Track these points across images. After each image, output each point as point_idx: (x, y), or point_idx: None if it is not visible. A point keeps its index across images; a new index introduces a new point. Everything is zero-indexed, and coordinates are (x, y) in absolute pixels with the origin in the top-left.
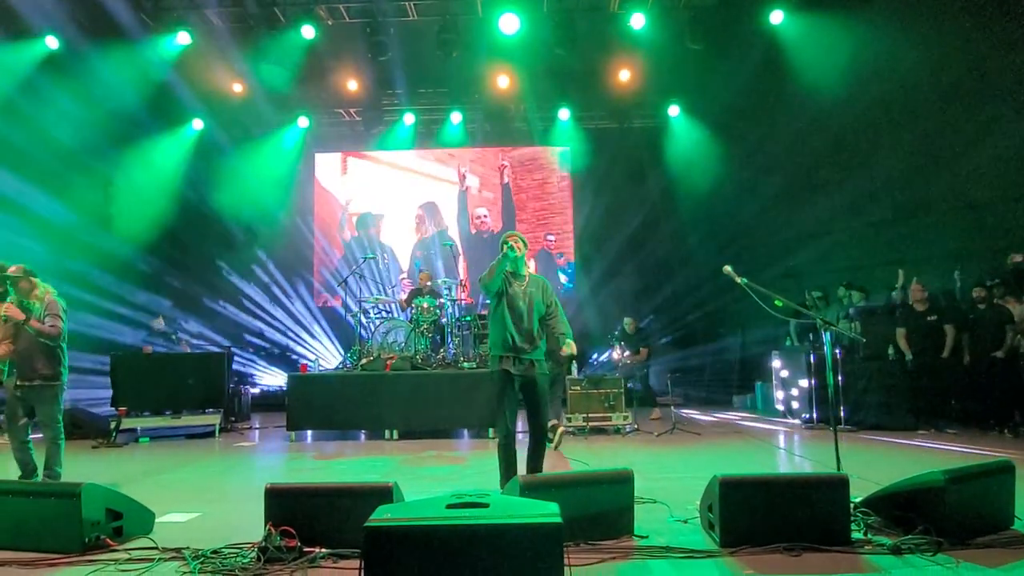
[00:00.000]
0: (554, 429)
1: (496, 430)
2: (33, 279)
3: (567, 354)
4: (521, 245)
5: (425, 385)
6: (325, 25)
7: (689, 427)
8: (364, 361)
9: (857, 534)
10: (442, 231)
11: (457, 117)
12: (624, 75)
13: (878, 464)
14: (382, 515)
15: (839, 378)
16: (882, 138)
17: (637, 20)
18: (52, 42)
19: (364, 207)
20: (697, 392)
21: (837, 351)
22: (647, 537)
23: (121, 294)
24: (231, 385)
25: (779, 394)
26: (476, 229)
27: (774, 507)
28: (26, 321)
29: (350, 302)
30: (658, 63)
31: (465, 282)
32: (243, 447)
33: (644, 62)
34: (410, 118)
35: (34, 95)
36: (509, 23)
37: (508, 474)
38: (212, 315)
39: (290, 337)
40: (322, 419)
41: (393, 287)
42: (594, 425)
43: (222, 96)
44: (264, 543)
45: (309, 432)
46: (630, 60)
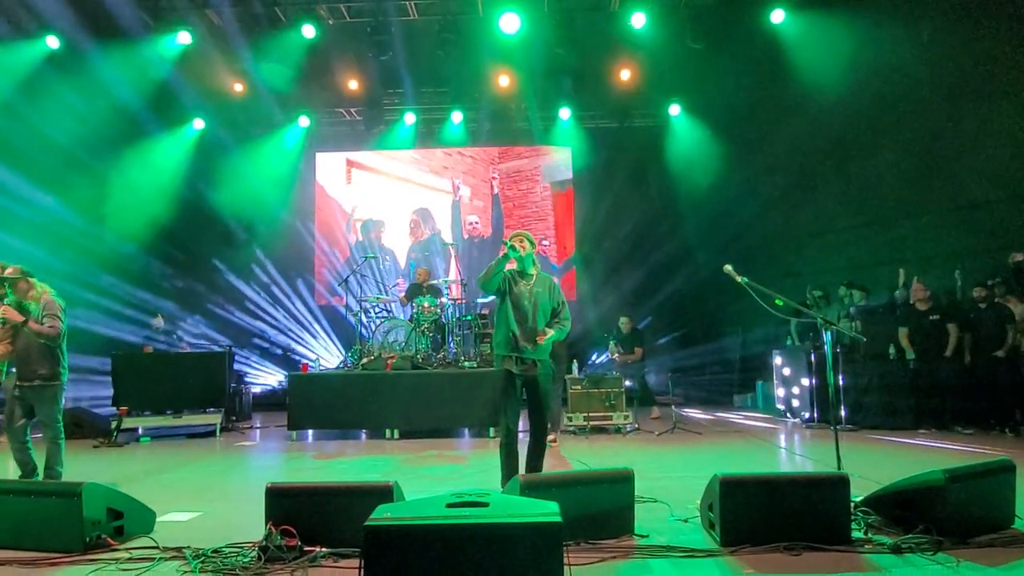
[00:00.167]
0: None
1: (498, 429)
2: (30, 279)
3: (544, 339)
4: (527, 244)
5: (426, 384)
6: (326, 24)
7: (690, 426)
8: (365, 360)
9: (857, 533)
10: (435, 234)
11: (458, 117)
12: (625, 74)
13: (879, 463)
14: (382, 514)
15: (840, 377)
16: (882, 138)
17: (638, 19)
18: (53, 42)
19: (367, 214)
20: (698, 391)
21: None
22: (647, 536)
23: (122, 293)
24: (232, 384)
25: (780, 391)
26: (468, 235)
27: (774, 506)
28: (24, 323)
29: (351, 301)
30: (659, 62)
31: (457, 282)
32: (244, 446)
33: (645, 61)
34: (411, 117)
35: (35, 95)
36: (510, 22)
37: (509, 473)
38: (213, 314)
39: (291, 336)
40: (323, 418)
41: (393, 287)
42: (595, 424)
43: (223, 96)
44: (265, 542)
45: (310, 431)
46: (631, 59)
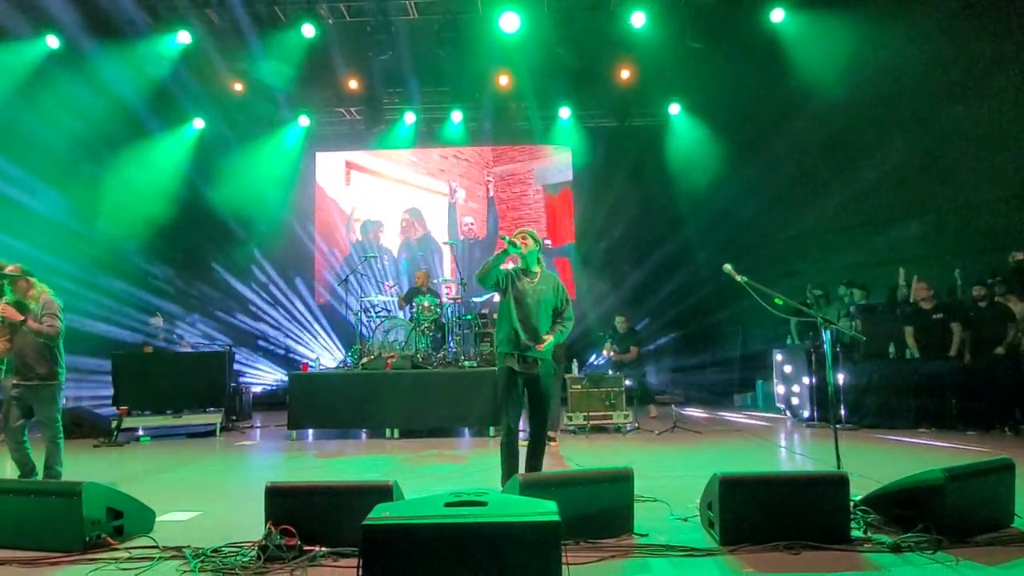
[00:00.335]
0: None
1: (498, 428)
2: (30, 278)
3: (544, 345)
4: (531, 241)
5: (426, 384)
6: (326, 24)
7: (689, 425)
8: (365, 360)
9: (857, 532)
10: (427, 234)
11: (458, 116)
12: (624, 73)
13: (878, 462)
14: (380, 513)
15: (839, 376)
16: (882, 137)
17: (638, 18)
18: (53, 41)
19: (366, 214)
20: (698, 391)
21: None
22: (647, 535)
23: (121, 293)
24: (232, 384)
25: (780, 389)
26: (464, 236)
27: (774, 505)
28: (23, 322)
29: (351, 301)
30: (658, 62)
31: (455, 282)
32: (244, 446)
33: (644, 61)
34: (411, 117)
35: (35, 95)
36: (510, 22)
37: (509, 472)
38: (213, 314)
39: (291, 336)
40: (323, 418)
41: (392, 286)
42: (595, 424)
43: (223, 95)
44: (264, 542)
45: (310, 431)
46: (630, 58)
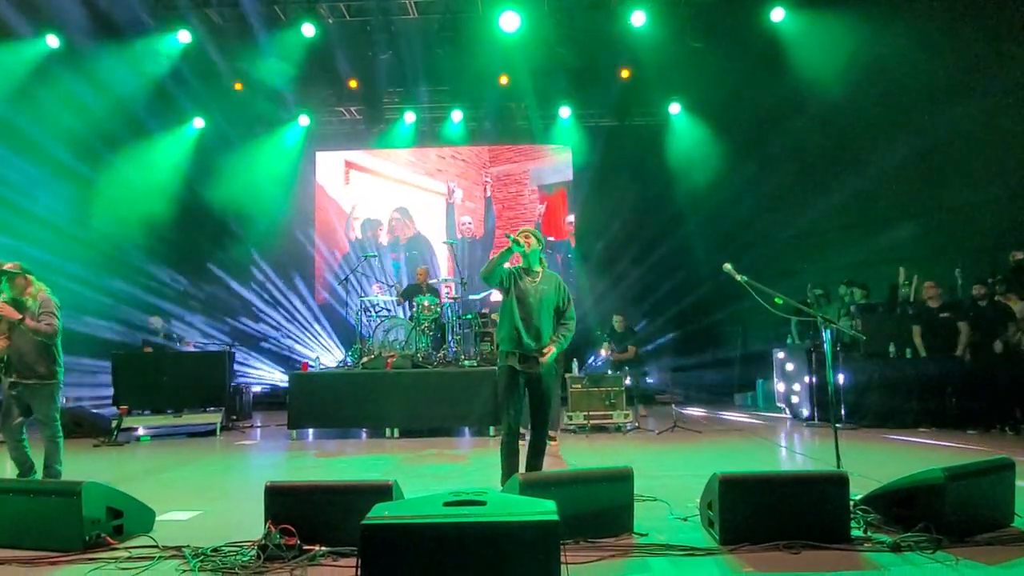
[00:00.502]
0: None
1: (498, 427)
2: (28, 276)
3: (547, 357)
4: (533, 240)
5: (426, 383)
6: (326, 23)
7: (689, 425)
8: (365, 359)
9: (857, 531)
10: (417, 234)
11: (458, 115)
12: (625, 73)
13: (878, 461)
14: (379, 513)
15: (839, 376)
16: (882, 136)
17: (638, 18)
18: (53, 41)
19: (365, 214)
20: (698, 391)
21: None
22: (647, 535)
23: (121, 293)
24: (232, 383)
25: (780, 387)
26: (461, 235)
27: (774, 505)
28: (21, 320)
29: (351, 300)
30: (658, 61)
31: (454, 281)
32: (244, 445)
33: (644, 60)
34: (411, 116)
35: (35, 94)
36: (510, 21)
37: (510, 472)
38: (213, 313)
39: (291, 336)
40: (323, 417)
41: (391, 286)
42: (595, 423)
43: (223, 94)
44: (264, 541)
45: (310, 430)
46: (631, 58)
